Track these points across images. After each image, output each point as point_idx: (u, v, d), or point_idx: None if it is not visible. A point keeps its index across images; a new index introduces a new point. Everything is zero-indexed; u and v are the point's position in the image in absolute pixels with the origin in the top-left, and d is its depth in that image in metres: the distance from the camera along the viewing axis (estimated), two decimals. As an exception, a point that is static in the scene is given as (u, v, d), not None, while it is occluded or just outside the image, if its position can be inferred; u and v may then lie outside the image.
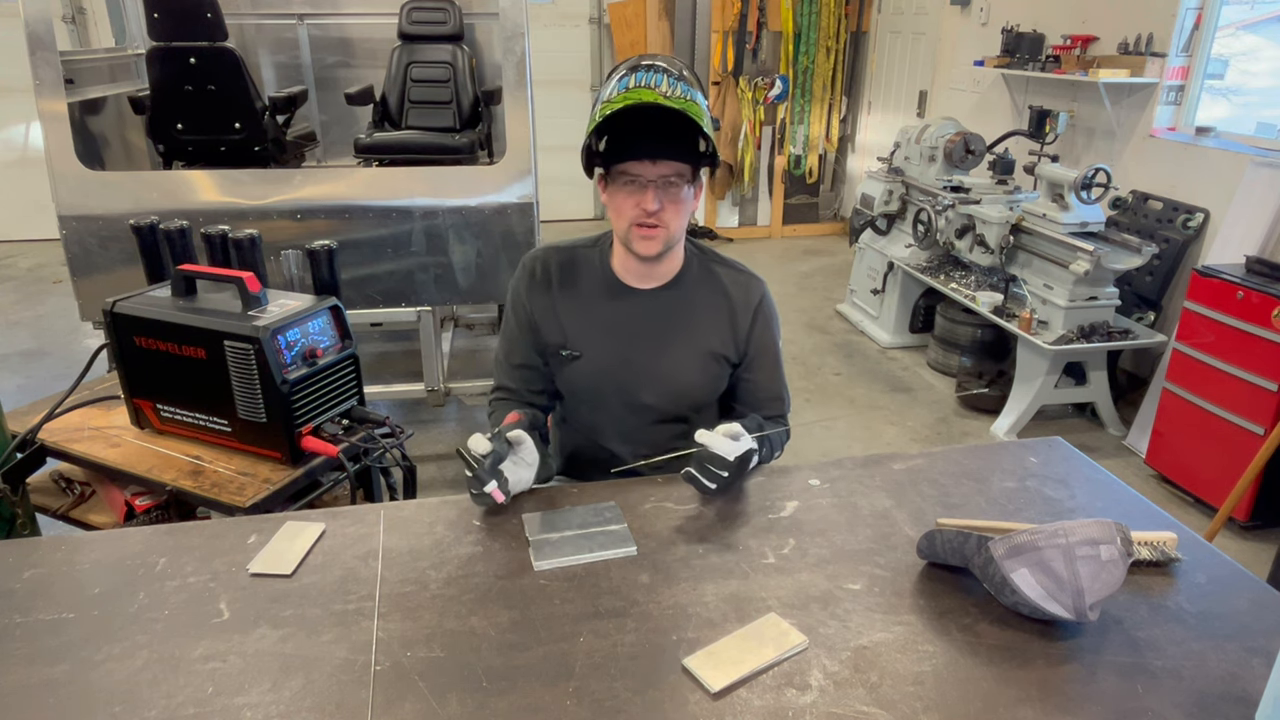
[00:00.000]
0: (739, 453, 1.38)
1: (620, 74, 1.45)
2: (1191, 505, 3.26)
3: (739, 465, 1.39)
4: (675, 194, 1.47)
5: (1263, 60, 4.37)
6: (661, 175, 1.45)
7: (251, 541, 1.33)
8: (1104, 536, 1.13)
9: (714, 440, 1.37)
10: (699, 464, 1.38)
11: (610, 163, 1.48)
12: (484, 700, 1.02)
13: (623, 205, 1.48)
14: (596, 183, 1.54)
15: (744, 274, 1.65)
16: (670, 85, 1.40)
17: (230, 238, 2.00)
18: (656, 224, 1.47)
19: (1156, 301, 3.90)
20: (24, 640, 1.12)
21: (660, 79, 1.40)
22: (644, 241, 1.49)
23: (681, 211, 1.49)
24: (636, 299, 1.60)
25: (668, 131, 1.43)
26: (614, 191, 1.49)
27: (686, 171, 1.47)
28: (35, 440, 1.89)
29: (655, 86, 1.39)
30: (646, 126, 1.42)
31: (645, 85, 1.40)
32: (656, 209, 1.45)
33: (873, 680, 1.07)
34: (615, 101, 1.40)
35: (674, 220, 1.48)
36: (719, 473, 1.37)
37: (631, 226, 1.48)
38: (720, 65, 6.53)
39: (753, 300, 1.62)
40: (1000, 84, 5.19)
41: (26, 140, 6.46)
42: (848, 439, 3.79)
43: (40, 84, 2.74)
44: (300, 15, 4.92)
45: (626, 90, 1.40)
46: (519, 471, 1.41)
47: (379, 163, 4.27)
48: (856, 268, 5.23)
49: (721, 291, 1.62)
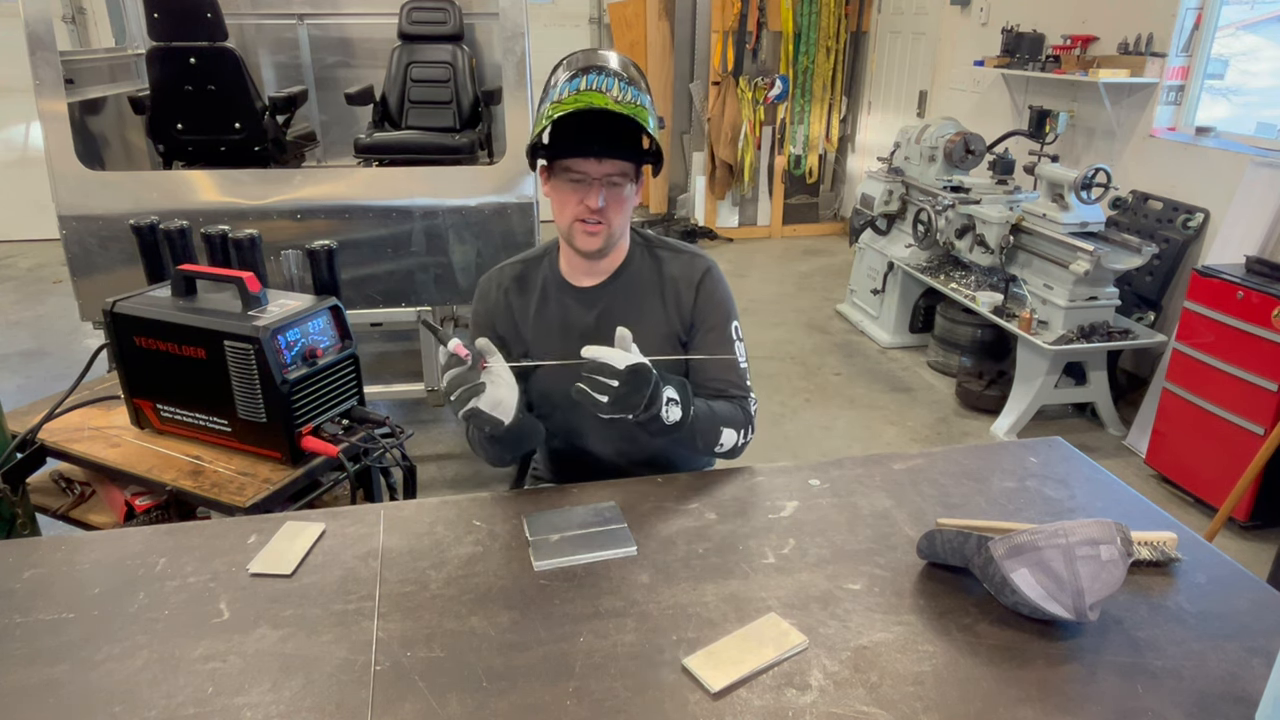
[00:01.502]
0: (629, 363, 1.31)
1: (569, 74, 1.46)
2: (1191, 505, 3.26)
3: (632, 377, 1.30)
4: (618, 192, 1.50)
5: (1263, 60, 4.37)
6: (606, 174, 1.47)
7: (251, 541, 1.33)
8: (1104, 536, 1.13)
9: (600, 351, 1.32)
10: (586, 377, 1.31)
11: (555, 157, 1.50)
12: (484, 700, 1.02)
13: (567, 201, 1.50)
14: (539, 174, 1.56)
15: (686, 253, 1.66)
16: (621, 90, 1.43)
17: (230, 238, 2.00)
18: (600, 221, 1.49)
19: (1156, 301, 3.90)
20: (24, 640, 1.12)
21: (611, 83, 1.43)
22: (586, 238, 1.51)
23: (624, 209, 1.52)
24: (585, 296, 1.61)
25: (613, 131, 1.46)
26: (558, 186, 1.51)
27: (630, 170, 1.50)
28: (35, 440, 1.89)
29: (606, 91, 1.42)
30: (593, 125, 1.44)
31: (596, 89, 1.42)
32: (601, 207, 1.48)
33: (873, 680, 1.07)
34: (566, 103, 1.42)
35: (616, 218, 1.51)
36: (608, 382, 1.29)
37: (574, 222, 1.51)
38: (720, 65, 6.53)
39: (695, 276, 1.62)
40: (1000, 84, 5.19)
41: (26, 140, 6.46)
42: (848, 439, 3.79)
43: (40, 84, 2.74)
44: (300, 15, 4.92)
45: (577, 92, 1.42)
46: (497, 391, 1.37)
47: (379, 163, 4.27)
48: (856, 268, 5.23)
49: (665, 274, 1.63)
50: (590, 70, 1.44)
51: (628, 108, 1.41)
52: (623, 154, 1.48)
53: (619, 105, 1.41)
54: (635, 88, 1.45)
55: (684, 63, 6.81)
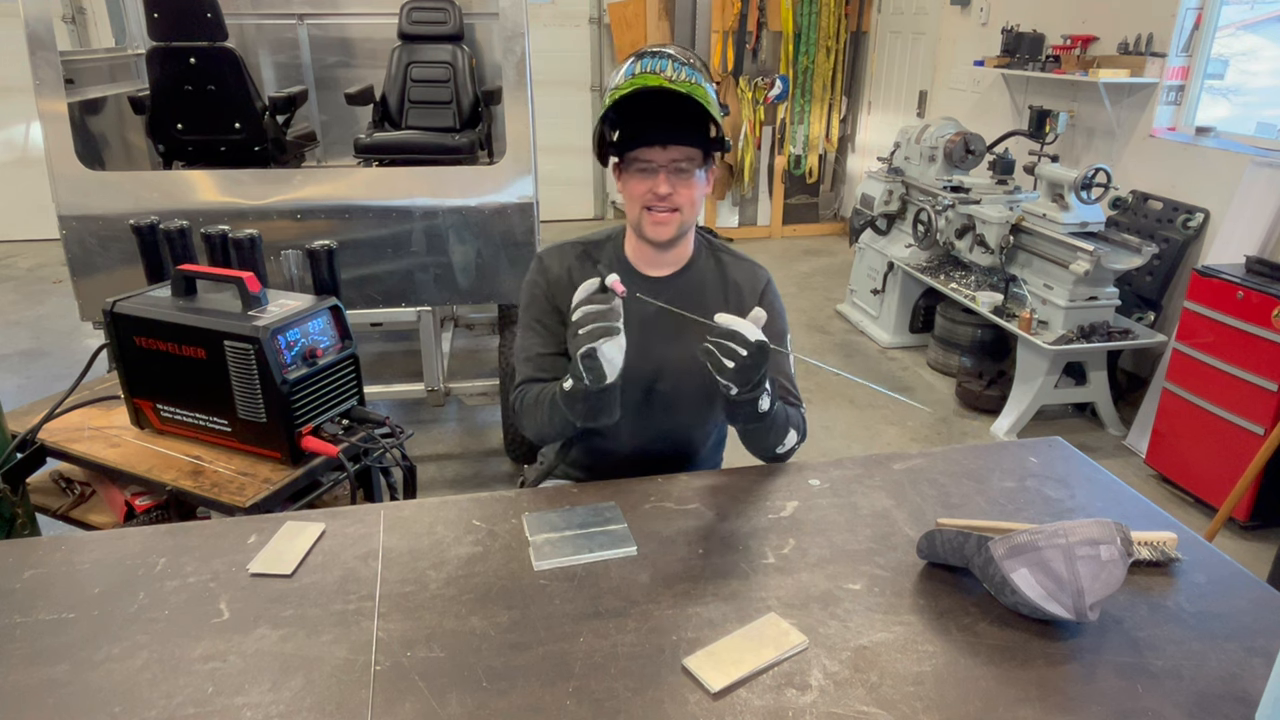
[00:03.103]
0: (759, 337, 1.31)
1: (629, 62, 1.48)
2: (1191, 505, 3.26)
3: (758, 352, 1.31)
4: (686, 178, 1.49)
5: (1263, 60, 4.37)
6: (672, 160, 1.47)
7: (251, 541, 1.33)
8: (1104, 536, 1.13)
9: (734, 320, 1.32)
10: (716, 341, 1.31)
11: (623, 151, 1.50)
12: (484, 700, 1.02)
13: (635, 190, 1.50)
14: (612, 172, 1.56)
15: (749, 262, 1.68)
16: (675, 70, 1.43)
17: (230, 238, 2.00)
18: (669, 208, 1.49)
19: (1156, 301, 3.90)
20: (24, 640, 1.12)
21: (665, 64, 1.43)
22: (656, 227, 1.51)
23: (694, 195, 1.51)
24: (650, 285, 1.60)
25: (677, 117, 1.46)
26: (627, 179, 1.51)
27: (697, 156, 1.49)
28: (35, 440, 1.89)
29: (660, 71, 1.42)
30: (656, 113, 1.45)
31: (651, 70, 1.43)
32: (668, 192, 1.47)
33: (873, 680, 1.07)
34: (623, 88, 1.43)
35: (686, 204, 1.51)
36: (737, 349, 1.29)
37: (643, 211, 1.51)
38: (720, 65, 6.53)
39: (758, 285, 1.65)
40: (1000, 84, 5.19)
41: (26, 140, 6.46)
42: (848, 439, 3.79)
43: (40, 84, 2.74)
44: (300, 15, 4.92)
45: (633, 76, 1.43)
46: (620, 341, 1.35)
47: (379, 163, 4.27)
48: (856, 268, 5.23)
49: (729, 278, 1.65)
50: (645, 55, 1.46)
51: (683, 85, 1.41)
52: (686, 139, 1.47)
53: (674, 84, 1.41)
54: (692, 68, 1.45)
55: (684, 63, 6.80)
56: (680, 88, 1.41)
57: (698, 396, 1.63)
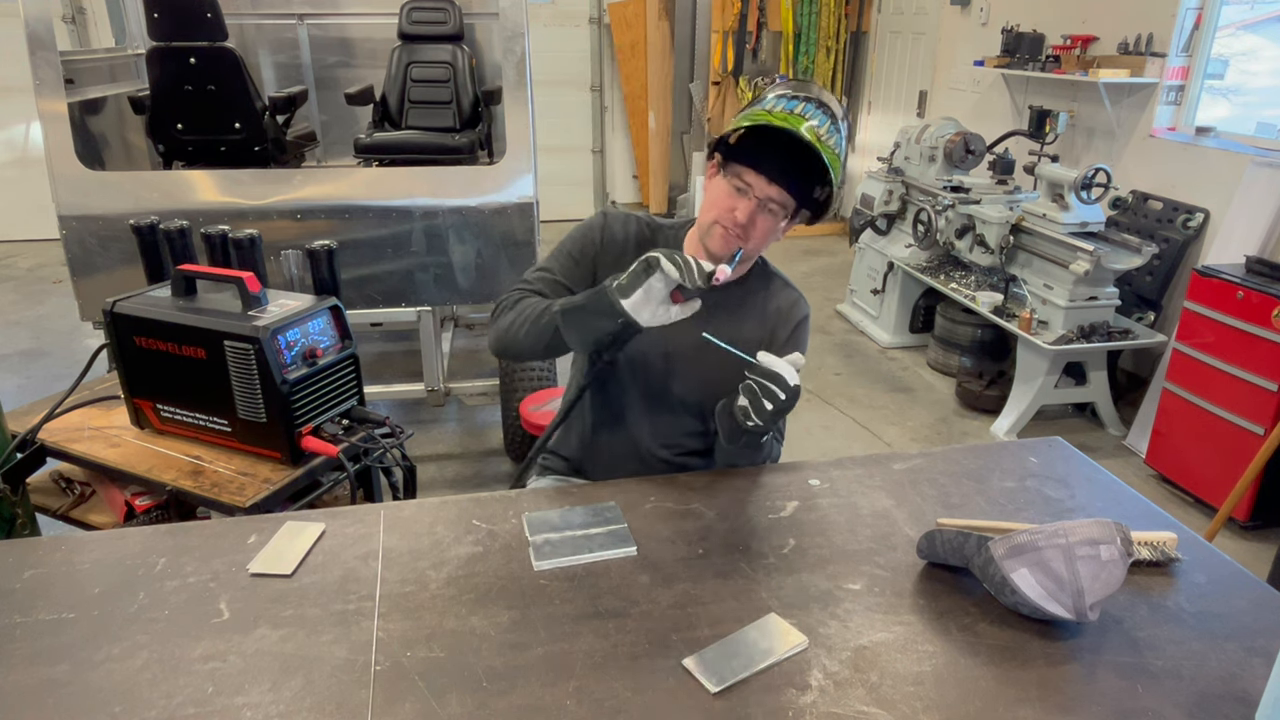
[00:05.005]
0: (797, 382, 1.31)
1: (789, 92, 1.45)
2: (1191, 505, 3.26)
3: (795, 396, 1.32)
4: (769, 219, 1.47)
5: (1263, 60, 4.37)
6: (768, 196, 1.44)
7: (251, 541, 1.33)
8: (1104, 536, 1.13)
9: (777, 361, 1.32)
10: (759, 381, 1.31)
11: (732, 158, 1.47)
12: (484, 700, 1.02)
13: (719, 201, 1.48)
14: (708, 162, 1.53)
15: (794, 291, 1.66)
16: (829, 132, 1.42)
17: (230, 238, 2.00)
18: (738, 235, 1.47)
19: (1156, 301, 3.90)
20: (24, 640, 1.12)
21: (824, 121, 1.41)
22: (720, 241, 1.49)
23: (767, 237, 1.49)
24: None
25: (798, 165, 1.43)
26: (718, 184, 1.49)
27: (792, 206, 1.47)
28: (35, 440, 1.89)
29: (817, 126, 1.40)
30: (783, 149, 1.42)
31: (805, 116, 1.40)
32: (745, 223, 1.45)
33: (873, 680, 1.07)
34: (775, 116, 1.40)
35: (755, 241, 1.49)
36: (777, 392, 1.30)
37: (715, 223, 1.49)
38: (720, 65, 6.53)
39: (796, 316, 1.63)
40: (1000, 84, 5.19)
41: (26, 140, 6.46)
42: (848, 439, 3.79)
43: (40, 84, 2.74)
44: (300, 15, 4.92)
45: (790, 113, 1.40)
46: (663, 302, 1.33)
47: (379, 163, 4.27)
48: (856, 268, 5.23)
49: (772, 302, 1.63)
50: (811, 100, 1.43)
51: (827, 150, 1.40)
52: (794, 189, 1.45)
53: (820, 143, 1.39)
54: (840, 136, 1.44)
55: (684, 63, 6.80)
56: (823, 152, 1.39)
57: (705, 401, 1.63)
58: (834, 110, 1.45)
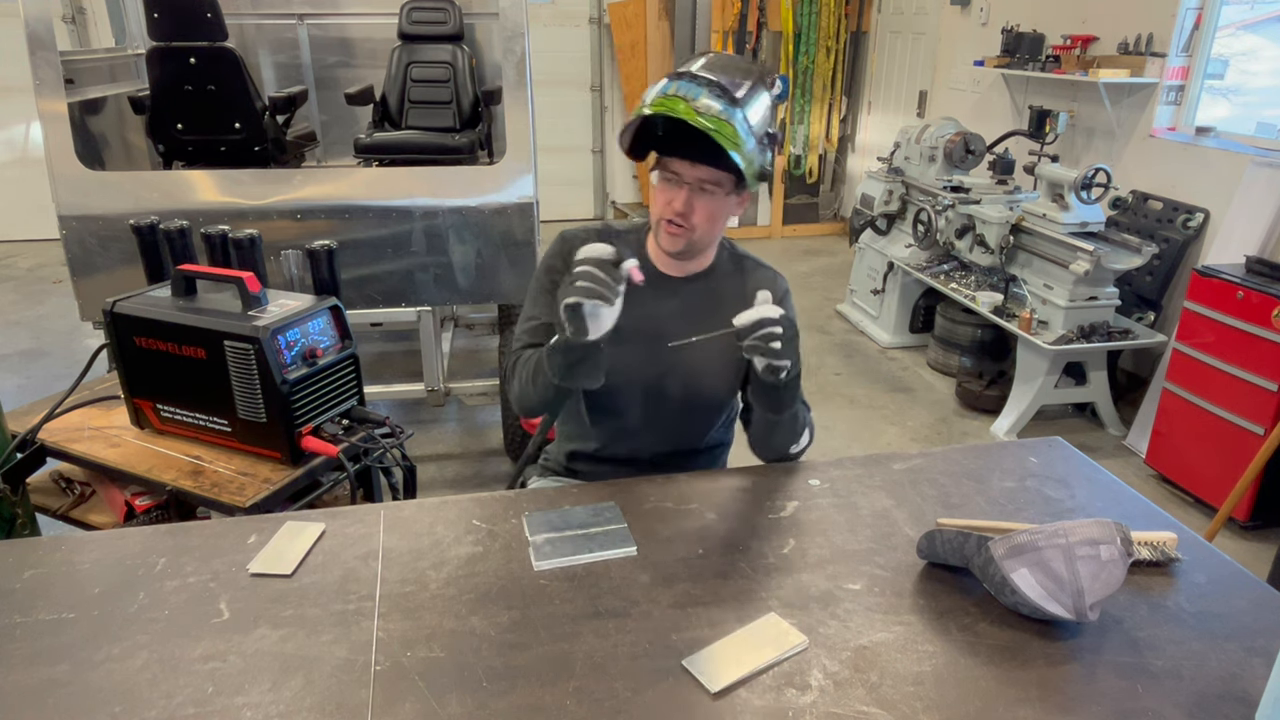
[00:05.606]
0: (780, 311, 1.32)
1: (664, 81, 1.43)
2: (1191, 505, 3.26)
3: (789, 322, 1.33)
4: (709, 199, 1.47)
5: (1263, 60, 4.36)
6: (699, 179, 1.45)
7: (251, 541, 1.33)
8: (1104, 536, 1.13)
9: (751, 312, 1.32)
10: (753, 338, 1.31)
11: (660, 152, 1.48)
12: (484, 700, 1.02)
13: (659, 197, 1.49)
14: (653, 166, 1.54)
15: (768, 269, 1.67)
16: (710, 101, 1.37)
17: (230, 238, 2.00)
18: (683, 224, 1.47)
19: (1156, 301, 3.90)
20: (24, 640, 1.12)
21: (700, 92, 1.37)
22: (667, 237, 1.51)
23: (713, 217, 1.49)
24: (668, 284, 1.60)
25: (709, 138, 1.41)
26: (657, 180, 1.50)
27: (727, 180, 1.46)
28: (35, 440, 1.89)
29: (693, 100, 1.36)
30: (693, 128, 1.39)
31: (682, 95, 1.37)
32: (683, 211, 1.45)
33: (873, 680, 1.07)
34: (652, 105, 1.39)
35: (702, 224, 1.48)
36: (775, 331, 1.30)
37: (659, 220, 1.50)
38: (720, 65, 6.52)
39: (777, 294, 1.61)
40: (1000, 84, 5.19)
41: (26, 140, 6.46)
42: (848, 439, 3.79)
43: (40, 84, 2.74)
44: (300, 15, 4.92)
45: (664, 96, 1.38)
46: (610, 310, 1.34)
47: (379, 163, 4.27)
48: (856, 268, 5.23)
49: (749, 285, 1.62)
50: (683, 76, 1.40)
51: (711, 120, 1.35)
52: (718, 162, 1.43)
53: (699, 117, 1.35)
54: (727, 101, 1.38)
55: (684, 63, 6.80)
56: (707, 123, 1.35)
57: (704, 398, 1.63)
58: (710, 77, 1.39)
